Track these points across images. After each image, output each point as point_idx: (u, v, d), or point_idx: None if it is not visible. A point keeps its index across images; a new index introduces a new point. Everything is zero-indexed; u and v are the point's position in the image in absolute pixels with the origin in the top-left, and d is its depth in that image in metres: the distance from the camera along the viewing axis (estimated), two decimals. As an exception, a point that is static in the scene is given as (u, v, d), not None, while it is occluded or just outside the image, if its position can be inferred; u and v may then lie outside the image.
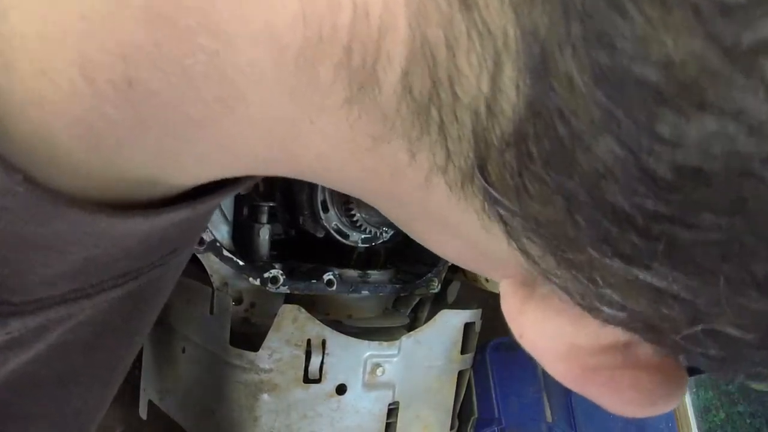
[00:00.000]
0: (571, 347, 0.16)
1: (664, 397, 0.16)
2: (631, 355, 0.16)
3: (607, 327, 0.15)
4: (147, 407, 0.80)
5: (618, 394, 0.16)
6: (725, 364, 0.15)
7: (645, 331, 0.14)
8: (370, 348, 0.68)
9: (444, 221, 0.17)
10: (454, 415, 0.78)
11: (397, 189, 0.17)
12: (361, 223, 0.70)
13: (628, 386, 0.16)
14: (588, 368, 0.16)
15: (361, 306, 0.75)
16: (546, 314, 0.16)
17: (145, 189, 0.20)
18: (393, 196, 0.18)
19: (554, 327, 0.16)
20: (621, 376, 0.16)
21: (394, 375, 0.70)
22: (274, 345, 0.63)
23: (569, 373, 0.17)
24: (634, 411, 0.16)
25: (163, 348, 0.76)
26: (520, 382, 0.73)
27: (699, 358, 0.15)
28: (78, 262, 0.20)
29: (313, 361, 0.65)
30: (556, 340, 0.16)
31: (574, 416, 0.69)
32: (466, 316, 0.77)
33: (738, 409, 0.80)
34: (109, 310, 0.25)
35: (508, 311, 0.18)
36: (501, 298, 0.18)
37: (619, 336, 0.15)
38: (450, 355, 0.75)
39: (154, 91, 0.15)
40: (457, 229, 0.17)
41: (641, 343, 0.16)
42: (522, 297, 0.17)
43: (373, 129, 0.15)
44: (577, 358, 0.16)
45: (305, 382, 0.64)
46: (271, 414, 0.64)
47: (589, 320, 0.15)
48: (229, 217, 0.67)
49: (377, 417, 0.69)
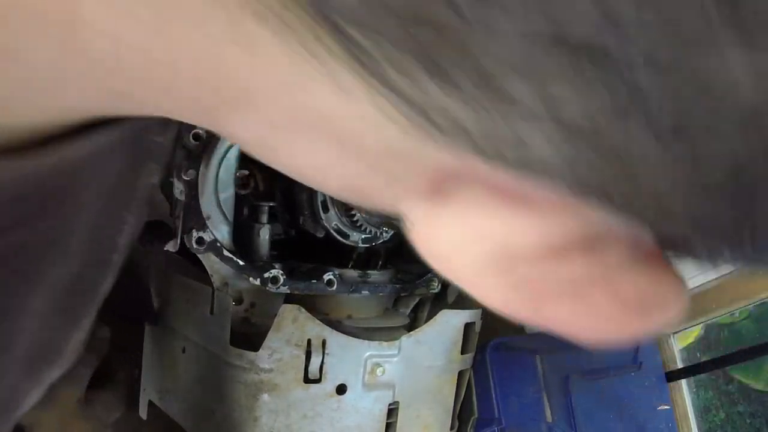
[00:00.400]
0: (505, 253, 0.12)
1: (658, 302, 0.12)
2: (598, 260, 0.12)
3: (555, 216, 0.11)
4: (147, 407, 0.81)
5: (590, 314, 0.12)
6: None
7: (601, 197, 0.10)
8: (370, 348, 0.68)
9: (297, 111, 0.12)
10: (454, 415, 0.78)
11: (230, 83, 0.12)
12: (362, 223, 0.70)
13: (604, 299, 0.12)
14: (535, 282, 0.12)
15: (361, 306, 0.75)
16: (465, 217, 0.12)
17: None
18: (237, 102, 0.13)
19: (477, 227, 0.12)
20: (590, 288, 0.12)
21: (394, 375, 0.70)
22: (274, 345, 0.63)
23: (504, 291, 0.12)
24: (619, 328, 0.12)
25: (163, 348, 0.77)
26: (520, 382, 0.73)
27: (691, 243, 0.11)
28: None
29: (313, 361, 0.65)
30: (480, 245, 0.12)
31: (574, 416, 0.69)
32: (466, 316, 0.77)
33: (738, 409, 0.80)
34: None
35: (418, 237, 0.12)
36: (410, 229, 0.13)
37: (571, 228, 0.11)
38: (450, 355, 0.75)
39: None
40: (319, 119, 0.12)
41: (608, 241, 0.12)
42: (433, 209, 0.12)
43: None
44: (515, 267, 0.12)
45: (305, 382, 0.64)
46: (271, 414, 0.64)
47: (527, 212, 0.11)
48: (229, 218, 0.67)
49: (377, 417, 0.69)
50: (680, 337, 0.91)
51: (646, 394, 0.80)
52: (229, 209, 0.68)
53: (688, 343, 0.90)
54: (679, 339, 0.92)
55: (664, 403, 0.82)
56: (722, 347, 0.85)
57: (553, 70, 0.09)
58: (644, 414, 0.79)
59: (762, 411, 0.78)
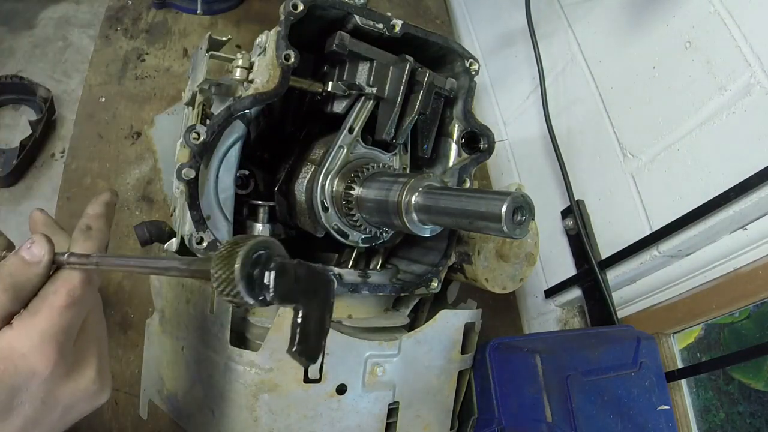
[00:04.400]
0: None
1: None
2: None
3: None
4: (147, 407, 0.81)
5: None
6: None
7: None
8: (370, 348, 0.68)
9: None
10: (454, 415, 0.78)
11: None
12: (361, 222, 0.70)
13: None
14: None
15: (361, 306, 0.75)
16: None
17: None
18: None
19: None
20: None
21: (394, 375, 0.70)
22: (274, 345, 0.63)
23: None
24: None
25: (163, 348, 0.77)
26: (520, 382, 0.73)
27: None
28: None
29: (313, 361, 0.65)
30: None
31: (574, 416, 0.69)
32: (466, 316, 0.77)
33: (738, 409, 0.80)
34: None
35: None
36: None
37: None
38: (450, 355, 0.75)
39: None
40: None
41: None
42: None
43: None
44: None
45: (305, 382, 0.64)
46: (271, 414, 0.64)
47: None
48: (229, 218, 0.67)
49: (377, 417, 0.69)
50: (680, 337, 0.91)
51: (646, 394, 0.80)
52: (229, 209, 0.68)
53: (688, 343, 0.90)
54: (679, 339, 0.91)
55: (664, 404, 0.82)
56: (722, 347, 0.85)
57: None
58: (644, 414, 0.79)
59: (762, 411, 0.78)
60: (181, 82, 1.13)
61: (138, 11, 1.21)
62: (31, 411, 0.42)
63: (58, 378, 0.43)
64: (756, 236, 0.77)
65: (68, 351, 0.43)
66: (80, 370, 0.45)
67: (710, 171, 0.79)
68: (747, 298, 0.79)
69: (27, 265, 0.43)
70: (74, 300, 0.43)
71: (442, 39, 0.76)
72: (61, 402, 0.43)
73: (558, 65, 1.12)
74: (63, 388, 0.43)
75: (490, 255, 0.80)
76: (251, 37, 0.86)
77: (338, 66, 0.74)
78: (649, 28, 0.91)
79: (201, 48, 0.79)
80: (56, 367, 0.42)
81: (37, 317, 0.41)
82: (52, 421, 0.43)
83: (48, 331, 0.41)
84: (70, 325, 0.43)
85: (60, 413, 0.44)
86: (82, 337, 0.45)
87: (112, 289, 0.92)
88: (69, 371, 0.44)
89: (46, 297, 0.42)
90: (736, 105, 0.75)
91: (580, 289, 1.03)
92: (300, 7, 0.64)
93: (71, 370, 0.44)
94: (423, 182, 0.59)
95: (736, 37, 0.76)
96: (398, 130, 0.74)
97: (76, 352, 0.45)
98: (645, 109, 0.91)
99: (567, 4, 1.13)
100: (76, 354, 0.45)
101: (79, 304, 0.43)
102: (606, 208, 0.98)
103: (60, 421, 0.44)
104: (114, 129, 1.06)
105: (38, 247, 0.43)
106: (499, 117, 1.33)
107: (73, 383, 0.44)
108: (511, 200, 0.48)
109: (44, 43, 1.35)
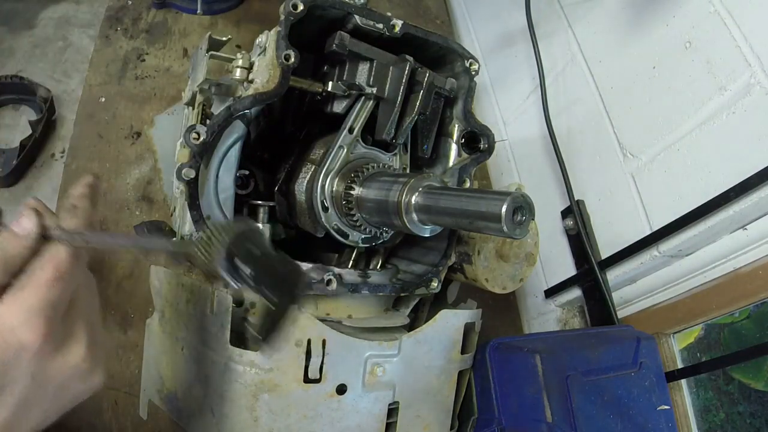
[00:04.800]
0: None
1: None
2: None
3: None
4: (147, 407, 0.81)
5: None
6: None
7: None
8: (370, 348, 0.68)
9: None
10: (454, 415, 0.78)
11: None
12: (361, 222, 0.70)
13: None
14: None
15: (361, 306, 0.75)
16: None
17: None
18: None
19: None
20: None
21: (394, 375, 0.70)
22: (274, 345, 0.63)
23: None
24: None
25: (163, 348, 0.77)
26: (520, 382, 0.73)
27: None
28: None
29: (313, 361, 0.64)
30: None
31: (574, 416, 0.69)
32: (466, 316, 0.77)
33: (738, 409, 0.80)
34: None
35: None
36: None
37: None
38: (450, 355, 0.75)
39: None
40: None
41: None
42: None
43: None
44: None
45: (305, 382, 0.64)
46: (271, 414, 0.64)
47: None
48: (229, 218, 0.67)
49: (377, 417, 0.69)
50: (680, 337, 0.91)
51: (646, 394, 0.80)
52: (229, 209, 0.68)
53: (688, 343, 0.90)
54: (679, 339, 0.91)
55: (664, 404, 0.81)
56: (722, 347, 0.85)
57: None
58: (644, 414, 0.79)
59: (762, 411, 0.78)
60: (181, 82, 1.13)
61: (138, 11, 1.21)
62: (23, 388, 0.42)
63: (48, 354, 0.43)
64: (756, 236, 0.77)
65: (57, 325, 0.43)
66: (69, 345, 0.45)
67: (710, 171, 0.79)
68: (747, 298, 0.79)
69: (17, 238, 0.43)
70: (61, 274, 0.43)
71: (442, 39, 0.76)
72: (52, 379, 0.44)
73: (558, 65, 1.12)
74: (52, 362, 0.43)
75: (490, 255, 0.80)
76: (251, 37, 0.86)
77: (338, 66, 0.74)
78: (649, 28, 0.91)
79: (201, 48, 0.79)
80: (45, 341, 0.42)
81: (24, 291, 0.42)
82: (44, 401, 0.43)
83: (36, 305, 0.42)
84: (58, 300, 0.43)
85: (52, 393, 0.44)
86: (71, 313, 0.45)
87: (112, 289, 0.92)
88: (58, 346, 0.44)
89: (33, 272, 0.43)
90: (736, 105, 0.75)
91: (580, 289, 1.03)
92: (300, 7, 0.64)
93: (61, 344, 0.44)
94: (423, 182, 0.59)
95: (736, 37, 0.76)
96: (398, 130, 0.74)
97: (65, 327, 0.45)
98: (645, 109, 0.91)
99: (567, 4, 1.13)
100: (65, 329, 0.45)
101: (66, 279, 0.43)
102: (606, 208, 0.98)
103: (53, 402, 0.44)
104: (114, 129, 1.06)
105: (27, 220, 0.44)
106: (499, 117, 1.33)
107: (62, 358, 0.44)
108: (511, 200, 0.48)
109: (44, 43, 1.35)
